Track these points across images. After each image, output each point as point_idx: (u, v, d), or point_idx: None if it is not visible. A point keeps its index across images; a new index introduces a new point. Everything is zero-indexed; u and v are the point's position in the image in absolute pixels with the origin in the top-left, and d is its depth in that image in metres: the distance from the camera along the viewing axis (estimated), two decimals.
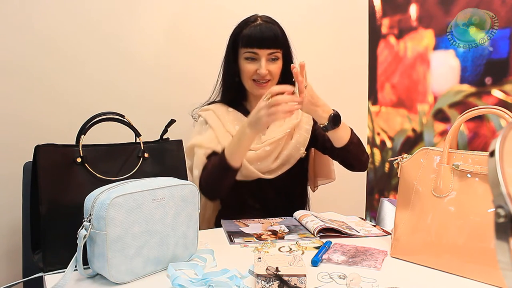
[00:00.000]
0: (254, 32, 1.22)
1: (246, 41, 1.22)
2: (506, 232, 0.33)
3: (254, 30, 1.22)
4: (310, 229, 1.09)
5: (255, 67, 1.23)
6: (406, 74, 1.91)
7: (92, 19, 1.49)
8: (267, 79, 1.25)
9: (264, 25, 1.23)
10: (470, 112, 0.87)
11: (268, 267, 0.75)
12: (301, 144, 1.32)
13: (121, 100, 1.55)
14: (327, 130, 1.16)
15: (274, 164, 1.29)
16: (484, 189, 0.82)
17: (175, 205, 0.86)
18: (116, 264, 0.77)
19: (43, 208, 0.83)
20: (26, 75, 1.40)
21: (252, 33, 1.22)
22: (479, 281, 0.80)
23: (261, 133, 1.28)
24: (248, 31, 1.23)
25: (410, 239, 0.91)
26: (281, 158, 1.29)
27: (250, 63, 1.24)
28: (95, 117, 0.92)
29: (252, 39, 1.22)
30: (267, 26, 1.23)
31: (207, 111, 1.33)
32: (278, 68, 1.27)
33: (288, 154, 1.30)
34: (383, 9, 2.00)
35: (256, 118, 1.08)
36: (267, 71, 1.23)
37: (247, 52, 1.23)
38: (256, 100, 1.29)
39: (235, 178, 1.21)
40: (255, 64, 1.23)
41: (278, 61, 1.26)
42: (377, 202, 2.00)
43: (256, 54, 1.22)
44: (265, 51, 1.22)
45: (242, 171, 1.27)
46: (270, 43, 1.22)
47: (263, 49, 1.21)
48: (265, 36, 1.21)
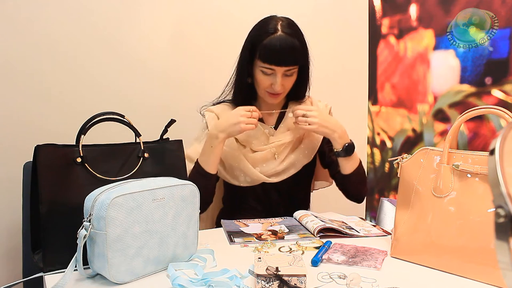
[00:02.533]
0: (273, 47, 1.16)
1: (264, 55, 1.18)
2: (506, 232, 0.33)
3: (273, 44, 1.16)
4: (310, 229, 1.09)
5: (270, 81, 1.21)
6: (406, 74, 1.91)
7: (92, 19, 1.49)
8: (279, 92, 1.23)
9: (284, 38, 1.16)
10: (470, 112, 0.87)
11: (268, 267, 0.75)
12: (310, 150, 1.31)
13: (121, 100, 1.54)
14: (339, 156, 1.24)
15: (280, 167, 1.28)
16: (484, 189, 0.82)
17: (175, 205, 0.86)
18: (116, 264, 0.77)
19: (43, 208, 0.83)
20: (27, 75, 1.39)
21: (272, 48, 1.16)
22: (479, 281, 0.80)
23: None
24: (267, 44, 1.17)
25: (410, 239, 0.91)
26: (288, 161, 1.28)
27: (265, 76, 1.21)
28: (95, 117, 0.92)
29: (270, 55, 1.17)
30: (287, 40, 1.16)
31: (211, 113, 1.32)
32: (292, 81, 1.25)
33: (295, 158, 1.29)
34: (383, 9, 2.00)
35: (233, 124, 1.17)
36: (282, 85, 1.21)
37: (264, 67, 1.19)
38: (266, 102, 1.31)
39: (215, 183, 1.27)
40: (270, 78, 1.21)
41: (294, 75, 1.24)
42: (377, 202, 2.00)
43: (272, 70, 1.20)
44: (282, 68, 1.19)
45: (246, 177, 1.27)
46: (289, 60, 1.18)
47: (280, 66, 1.18)
48: (284, 52, 1.17)
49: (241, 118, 1.17)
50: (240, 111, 1.19)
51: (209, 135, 1.21)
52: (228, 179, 1.30)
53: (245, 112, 1.18)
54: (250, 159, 1.27)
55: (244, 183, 1.29)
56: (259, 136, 1.29)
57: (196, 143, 1.31)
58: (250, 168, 1.26)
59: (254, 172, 1.26)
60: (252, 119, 1.19)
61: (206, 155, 1.21)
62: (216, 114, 1.31)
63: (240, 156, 1.27)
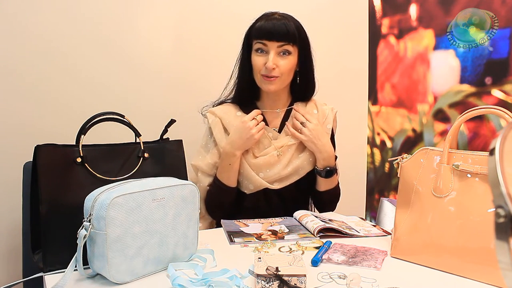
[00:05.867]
0: (266, 24, 1.21)
1: (257, 32, 1.22)
2: (506, 232, 0.33)
3: (266, 22, 1.21)
4: (310, 229, 1.09)
5: (264, 60, 1.20)
6: (406, 74, 1.91)
7: (91, 20, 1.49)
8: (274, 75, 1.20)
9: (278, 19, 1.21)
10: (470, 112, 0.87)
11: (268, 267, 0.75)
12: (314, 158, 1.29)
13: (121, 100, 1.54)
14: (318, 174, 1.29)
15: (284, 172, 1.26)
16: (484, 189, 0.82)
17: (175, 205, 0.86)
18: (116, 264, 0.77)
19: (43, 208, 0.83)
20: (27, 75, 1.39)
21: (264, 25, 1.21)
22: (479, 281, 0.80)
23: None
24: (261, 23, 1.22)
25: (410, 239, 0.91)
26: (292, 166, 1.26)
27: (259, 56, 1.21)
28: (95, 117, 0.92)
29: (262, 30, 1.20)
30: (281, 21, 1.20)
31: (215, 117, 1.29)
32: (288, 64, 1.21)
33: (300, 165, 1.27)
34: (383, 9, 2.00)
35: (247, 138, 1.20)
36: (275, 65, 1.19)
37: (257, 43, 1.21)
38: (269, 100, 1.31)
39: (235, 194, 1.29)
40: (264, 57, 1.21)
41: (290, 57, 1.21)
42: (377, 202, 2.00)
43: (265, 46, 1.20)
44: (274, 43, 1.19)
45: (249, 185, 1.27)
46: (280, 35, 1.19)
47: (272, 41, 1.19)
48: (276, 28, 1.19)
49: (252, 131, 1.20)
50: (248, 123, 1.21)
51: (225, 153, 1.24)
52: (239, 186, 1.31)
53: (252, 123, 1.22)
54: (253, 165, 1.25)
55: (247, 190, 1.28)
56: (262, 140, 1.27)
57: (204, 152, 1.31)
58: (253, 175, 1.25)
59: (257, 179, 1.25)
60: (260, 124, 1.23)
61: (225, 172, 1.25)
62: (220, 117, 1.29)
63: (242, 162, 1.26)
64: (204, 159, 1.29)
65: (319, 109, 1.33)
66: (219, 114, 1.29)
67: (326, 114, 1.33)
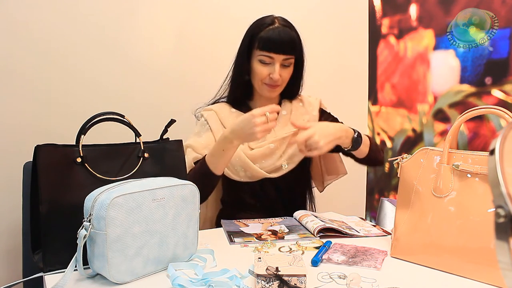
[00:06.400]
0: (272, 35, 1.20)
1: (263, 44, 1.21)
2: (506, 232, 0.33)
3: (272, 33, 1.21)
4: (310, 229, 1.09)
5: (268, 71, 1.23)
6: (406, 74, 1.91)
7: (91, 20, 1.49)
8: (277, 84, 1.25)
9: (282, 29, 1.22)
10: (470, 112, 0.87)
11: (268, 267, 0.75)
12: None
13: (121, 100, 1.54)
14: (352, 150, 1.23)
15: (279, 162, 1.29)
16: (484, 189, 0.82)
17: (175, 205, 0.86)
18: (116, 264, 0.77)
19: (43, 208, 0.83)
20: (27, 75, 1.39)
21: (271, 36, 1.21)
22: (479, 281, 0.80)
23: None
24: (267, 34, 1.21)
25: (410, 239, 0.91)
26: (286, 155, 1.29)
27: (263, 66, 1.24)
28: (95, 117, 0.92)
29: (270, 43, 1.20)
30: (285, 31, 1.21)
31: (210, 111, 1.33)
32: (289, 73, 1.27)
33: (293, 152, 1.30)
34: (383, 9, 2.00)
35: (249, 133, 1.10)
36: (280, 76, 1.23)
37: (263, 55, 1.22)
38: (262, 100, 1.32)
39: (216, 184, 1.24)
40: (268, 67, 1.23)
41: (290, 66, 1.27)
42: (377, 202, 2.00)
43: (271, 59, 1.22)
44: (280, 56, 1.22)
45: (247, 172, 1.27)
46: (287, 48, 1.22)
47: (279, 54, 1.21)
48: (283, 41, 1.21)
49: (256, 128, 1.09)
50: (256, 118, 1.09)
51: (223, 137, 1.15)
52: (229, 173, 1.30)
53: (260, 119, 1.09)
54: (249, 156, 1.28)
55: (244, 178, 1.29)
56: None
57: (195, 136, 1.31)
58: (251, 165, 1.26)
59: (255, 169, 1.26)
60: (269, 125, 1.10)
61: (215, 156, 1.17)
62: (216, 111, 1.32)
63: (239, 153, 1.27)
64: (195, 139, 1.29)
65: (304, 101, 1.38)
66: (215, 109, 1.33)
67: (312, 103, 1.38)
